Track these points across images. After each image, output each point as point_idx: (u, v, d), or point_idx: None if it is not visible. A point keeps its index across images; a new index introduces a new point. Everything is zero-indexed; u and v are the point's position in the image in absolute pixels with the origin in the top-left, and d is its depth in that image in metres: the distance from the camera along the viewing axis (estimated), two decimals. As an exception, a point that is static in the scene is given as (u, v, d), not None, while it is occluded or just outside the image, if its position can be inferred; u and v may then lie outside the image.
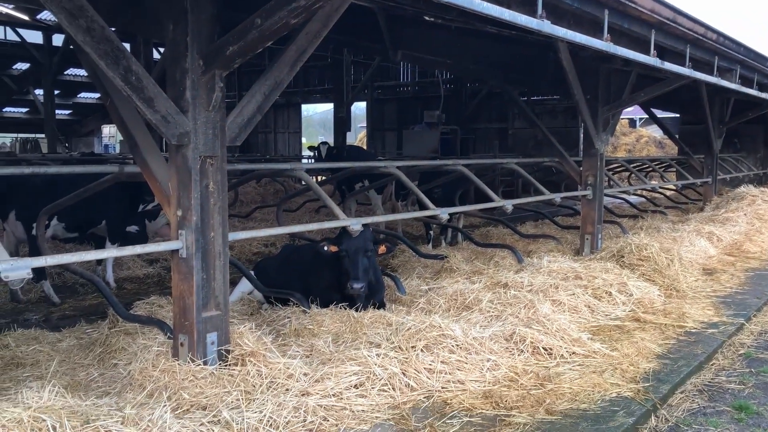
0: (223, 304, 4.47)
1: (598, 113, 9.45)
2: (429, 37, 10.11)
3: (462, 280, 6.91)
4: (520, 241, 10.57)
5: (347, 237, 5.66)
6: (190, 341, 4.33)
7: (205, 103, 4.24)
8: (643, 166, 15.69)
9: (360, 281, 5.59)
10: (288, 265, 6.70)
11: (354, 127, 41.02)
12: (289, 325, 5.63)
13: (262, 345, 4.49)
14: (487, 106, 23.06)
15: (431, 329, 5.01)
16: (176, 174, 4.28)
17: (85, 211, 8.40)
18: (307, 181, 5.69)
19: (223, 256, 4.45)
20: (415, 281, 7.40)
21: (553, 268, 7.49)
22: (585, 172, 9.63)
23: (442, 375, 4.66)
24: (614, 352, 5.49)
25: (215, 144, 4.33)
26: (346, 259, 5.70)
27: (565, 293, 6.68)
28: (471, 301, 6.19)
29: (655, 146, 34.40)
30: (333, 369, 4.43)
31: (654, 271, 8.06)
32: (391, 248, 6.05)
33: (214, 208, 4.39)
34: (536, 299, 6.18)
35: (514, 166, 8.74)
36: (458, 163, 7.75)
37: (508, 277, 6.94)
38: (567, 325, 5.82)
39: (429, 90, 24.31)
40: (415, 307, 6.24)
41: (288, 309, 6.07)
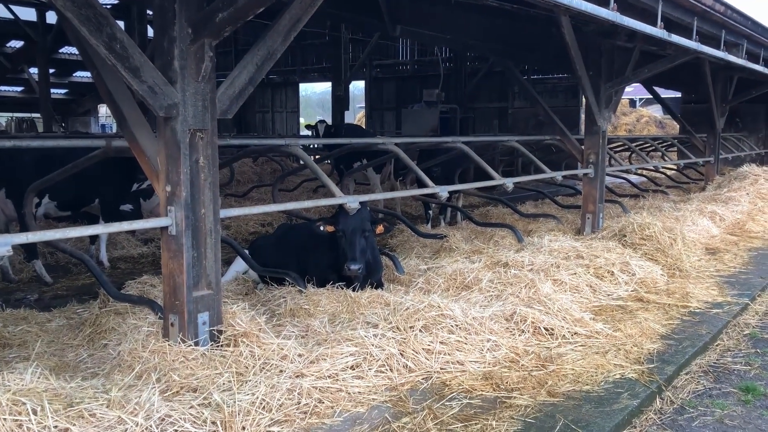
0: (214, 283, 4.32)
1: (601, 90, 9.25)
2: (429, 12, 9.88)
3: (461, 260, 6.77)
4: (520, 220, 10.42)
5: (344, 216, 5.50)
6: (181, 321, 4.19)
7: (194, 73, 4.06)
8: (645, 145, 15.50)
9: (357, 262, 5.43)
10: (284, 245, 6.55)
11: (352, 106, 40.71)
12: (284, 305, 5.49)
13: (256, 325, 4.35)
14: (487, 85, 22.78)
15: (430, 309, 4.87)
16: (165, 148, 4.11)
17: (78, 189, 8.23)
18: (303, 158, 5.53)
19: (215, 233, 4.30)
20: (413, 261, 7.26)
21: (554, 247, 7.35)
22: (587, 150, 9.45)
23: (441, 356, 4.53)
24: (617, 332, 5.36)
25: (205, 116, 4.16)
26: (342, 239, 5.55)
27: (567, 273, 6.54)
28: (471, 281, 6.05)
29: (656, 126, 34.15)
30: (329, 350, 4.29)
31: (656, 250, 7.92)
32: (389, 228, 5.89)
33: (205, 184, 4.23)
34: (537, 279, 6.04)
35: (515, 144, 8.57)
36: (458, 141, 7.57)
37: (509, 256, 6.80)
38: (569, 305, 5.69)
39: (428, 69, 24.00)
40: (414, 287, 6.10)
41: (284, 289, 5.93)
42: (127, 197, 8.81)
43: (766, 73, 11.63)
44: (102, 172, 8.42)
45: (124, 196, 8.72)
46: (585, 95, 9.03)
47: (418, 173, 6.47)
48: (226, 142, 5.43)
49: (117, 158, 8.43)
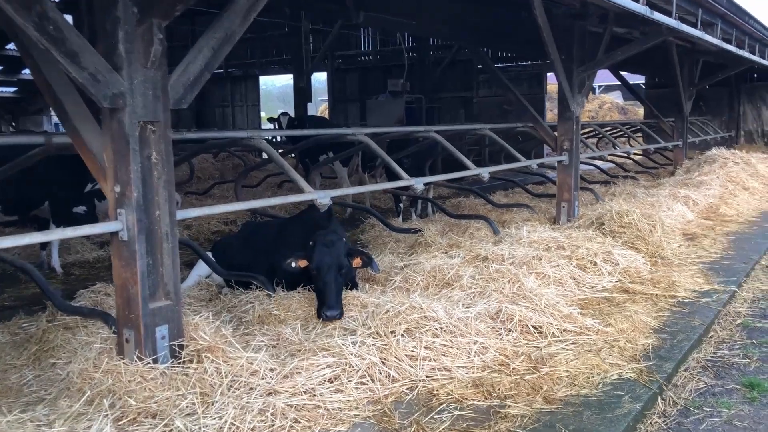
0: (173, 293, 3.88)
1: (573, 74, 8.99)
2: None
3: (439, 255, 6.42)
4: (494, 211, 10.13)
5: (319, 251, 4.97)
6: (137, 336, 3.74)
7: (143, 58, 3.60)
8: (615, 131, 15.36)
9: (335, 308, 4.75)
10: (249, 245, 6.11)
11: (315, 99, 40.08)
12: (252, 312, 5.07)
13: (221, 338, 3.93)
14: (452, 74, 22.47)
15: (411, 311, 4.51)
16: (111, 143, 3.65)
17: (24, 191, 7.67)
18: (267, 151, 5.10)
19: (171, 237, 3.85)
20: (388, 257, 6.89)
21: (534, 238, 7.04)
22: (560, 136, 9.18)
23: (426, 362, 4.16)
24: (608, 327, 5.06)
25: (156, 107, 3.71)
26: (318, 279, 4.97)
27: (549, 265, 6.24)
28: (451, 278, 5.70)
29: (618, 112, 34.34)
30: (303, 362, 3.89)
31: (637, 238, 7.68)
32: (367, 261, 5.31)
33: (159, 183, 3.78)
34: (520, 273, 5.72)
35: (487, 132, 8.24)
36: (430, 130, 7.21)
37: (488, 249, 6.46)
38: (555, 300, 5.38)
39: (392, 59, 23.57)
40: (391, 286, 5.73)
41: (251, 293, 5.50)
42: (80, 198, 8.24)
43: (740, 54, 11.51)
44: (51, 172, 7.86)
45: (76, 198, 8.13)
46: (558, 80, 8.74)
47: (391, 165, 6.08)
48: (182, 135, 4.96)
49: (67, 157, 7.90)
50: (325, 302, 4.79)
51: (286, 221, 6.15)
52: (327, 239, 5.03)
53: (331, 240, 5.04)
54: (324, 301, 4.82)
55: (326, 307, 4.75)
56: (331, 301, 4.78)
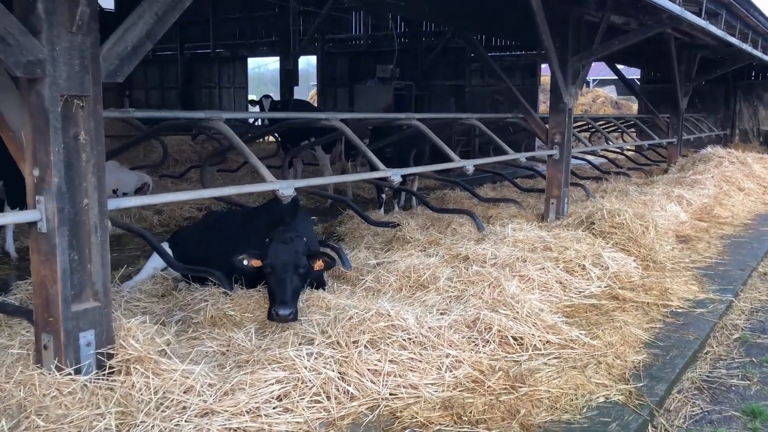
0: (102, 293, 3.39)
1: (568, 64, 8.51)
2: (382, -24, 8.95)
3: (416, 253, 5.94)
4: (479, 205, 9.65)
5: (274, 249, 4.48)
6: (56, 343, 3.25)
7: (67, 21, 3.09)
8: (609, 125, 14.92)
9: (287, 306, 4.28)
10: (210, 236, 5.60)
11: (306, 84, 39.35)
12: (204, 312, 4.59)
13: (154, 346, 3.43)
14: (443, 62, 21.92)
15: (378, 318, 4.04)
16: (30, 119, 3.14)
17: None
18: (226, 135, 4.60)
19: (101, 229, 3.36)
20: (362, 253, 6.41)
21: (519, 237, 6.58)
22: (552, 129, 8.71)
23: (391, 378, 3.70)
24: (595, 340, 4.61)
25: (84, 79, 3.20)
26: (271, 277, 4.49)
27: (534, 267, 5.79)
28: (426, 279, 5.23)
29: (611, 107, 33.94)
30: (249, 375, 3.42)
31: (628, 239, 7.24)
32: (330, 263, 4.82)
33: (87, 167, 3.28)
34: (502, 276, 5.26)
35: (475, 122, 7.75)
36: (412, 118, 6.71)
37: (469, 248, 6.01)
38: (539, 308, 4.93)
39: (382, 44, 22.98)
40: (361, 286, 5.25)
41: (207, 289, 5.02)
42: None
43: (742, 48, 11.04)
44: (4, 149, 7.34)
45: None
46: (551, 69, 8.27)
47: (367, 154, 5.59)
48: (125, 113, 4.43)
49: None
50: (276, 299, 4.31)
51: (250, 212, 5.66)
52: (284, 236, 4.54)
53: (290, 237, 4.55)
54: (275, 298, 4.34)
55: (278, 304, 4.26)
56: (283, 297, 4.29)
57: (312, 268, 4.68)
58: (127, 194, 10.45)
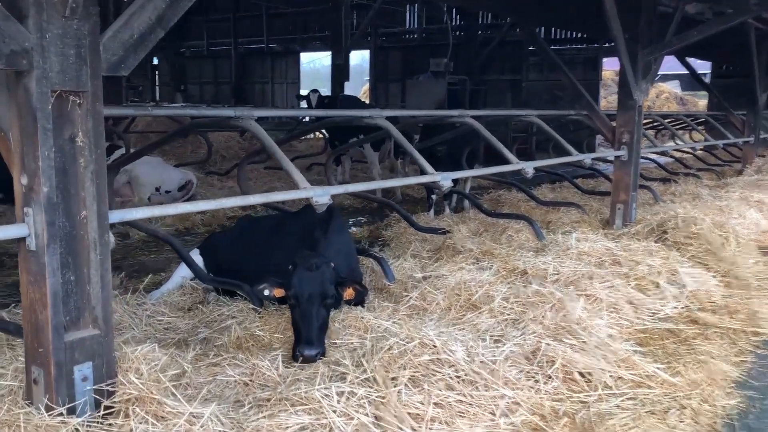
0: (102, 319, 2.94)
1: (638, 57, 7.76)
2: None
3: (468, 266, 5.35)
4: (537, 208, 8.98)
5: (298, 277, 3.96)
6: (47, 377, 2.81)
7: (59, 5, 2.63)
8: (677, 123, 13.94)
9: (313, 347, 3.76)
10: (242, 244, 5.15)
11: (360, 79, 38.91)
12: (229, 332, 4.12)
13: (158, 385, 2.96)
14: (500, 55, 21.16)
15: (422, 350, 3.48)
16: (18, 119, 2.71)
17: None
18: (257, 134, 4.12)
19: (101, 246, 2.90)
20: (408, 263, 5.85)
21: (584, 249, 5.93)
22: (619, 128, 7.98)
23: (436, 424, 3.14)
24: (676, 377, 3.95)
25: (81, 71, 2.74)
26: (295, 310, 3.98)
27: (602, 286, 5.14)
28: (479, 298, 4.65)
29: (677, 103, 32.44)
30: (267, 420, 2.92)
31: (706, 252, 6.48)
32: (362, 293, 4.30)
33: (85, 173, 2.83)
34: (566, 296, 4.63)
35: (534, 119, 7.10)
36: (466, 115, 6.12)
37: (528, 261, 5.39)
38: (609, 335, 4.29)
39: (437, 38, 22.34)
40: (405, 304, 4.71)
41: (235, 304, 4.57)
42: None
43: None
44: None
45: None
46: (620, 62, 7.55)
47: (413, 155, 5.04)
48: (142, 110, 3.96)
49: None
50: (301, 338, 3.80)
51: (284, 218, 5.18)
52: (310, 263, 4.02)
53: (315, 264, 4.03)
54: (300, 336, 3.83)
55: (302, 344, 3.75)
56: (308, 336, 3.77)
57: (341, 297, 4.16)
58: (170, 192, 10.19)
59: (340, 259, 4.47)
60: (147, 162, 10.38)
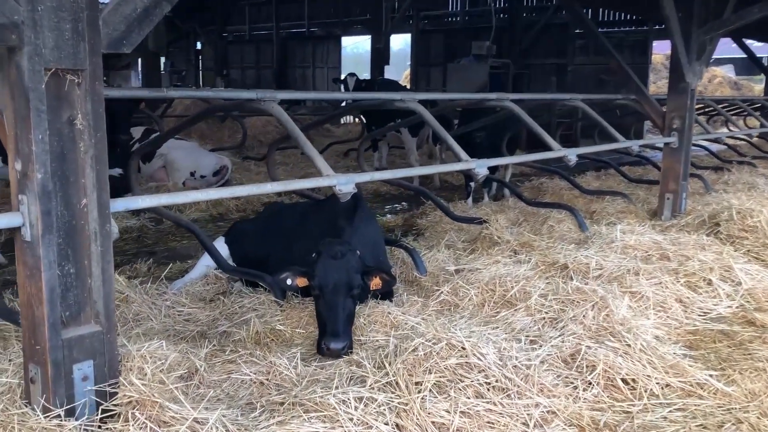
0: (104, 315, 2.75)
1: (692, 37, 7.28)
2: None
3: (504, 259, 5.04)
4: (581, 197, 8.58)
5: (323, 266, 3.74)
6: (44, 377, 2.64)
7: (53, -27, 2.42)
8: (732, 108, 13.25)
9: (339, 339, 3.53)
10: (267, 232, 4.95)
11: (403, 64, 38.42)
12: (248, 326, 3.91)
13: (162, 387, 2.75)
14: (545, 38, 20.52)
15: (449, 352, 3.22)
16: (11, 100, 2.51)
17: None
18: (280, 118, 3.88)
19: (102, 237, 2.70)
20: (442, 254, 5.56)
21: (630, 242, 5.55)
22: (670, 113, 7.52)
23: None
24: (731, 386, 3.60)
25: (78, 48, 2.53)
26: (320, 301, 3.76)
27: (649, 282, 4.78)
28: (515, 295, 4.35)
29: (730, 87, 31.20)
30: (278, 427, 2.69)
31: (764, 246, 6.05)
32: (390, 282, 4.05)
33: (85, 159, 2.63)
34: (609, 294, 4.30)
35: (579, 104, 6.71)
36: (506, 98, 5.78)
37: (568, 255, 5.06)
38: (655, 338, 3.96)
39: (480, 21, 21.78)
40: (435, 299, 4.44)
41: (257, 296, 4.37)
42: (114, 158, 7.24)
43: None
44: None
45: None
46: (672, 43, 7.09)
47: (447, 141, 4.74)
48: (157, 92, 3.76)
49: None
50: (327, 330, 3.57)
51: (311, 206, 4.95)
52: (335, 250, 3.78)
53: (340, 251, 3.78)
54: (325, 328, 3.60)
55: (328, 336, 3.52)
56: (334, 328, 3.55)
57: (368, 287, 3.91)
58: (205, 177, 10.07)
59: (367, 249, 4.23)
60: (182, 146, 10.29)
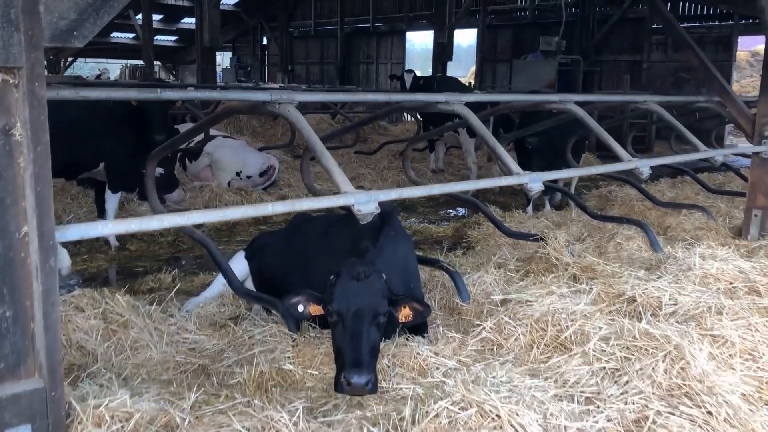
0: (48, 367, 2.25)
1: (789, 30, 6.35)
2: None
3: (560, 289, 4.33)
4: (653, 209, 7.71)
5: (342, 288, 3.18)
6: (-30, 444, 2.16)
7: (-28, -55, 1.92)
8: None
9: (362, 372, 2.93)
10: (291, 248, 4.40)
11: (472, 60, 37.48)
12: (252, 366, 3.37)
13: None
14: (619, 34, 19.36)
15: (480, 420, 2.59)
16: (-72, 104, 2.03)
17: (72, 149, 6.49)
18: (296, 122, 3.33)
19: (43, 273, 2.19)
20: (490, 276, 4.89)
21: (710, 270, 4.74)
22: (761, 117, 6.58)
23: None
24: None
25: (11, 41, 2.02)
26: (338, 328, 3.17)
27: (734, 323, 3.99)
28: (570, 336, 3.66)
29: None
30: None
31: None
32: (424, 312, 3.41)
33: (25, 177, 2.13)
34: (685, 339, 3.56)
35: (654, 107, 5.90)
36: (569, 100, 5.05)
37: (637, 287, 4.31)
38: (742, 396, 3.22)
39: (549, 15, 20.79)
40: (476, 336, 3.79)
41: (269, 326, 3.83)
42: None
43: None
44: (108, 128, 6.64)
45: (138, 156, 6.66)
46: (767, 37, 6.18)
47: (495, 150, 4.07)
48: (150, 92, 3.17)
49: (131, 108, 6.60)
50: (347, 360, 2.96)
51: (337, 219, 4.37)
52: (357, 271, 3.18)
53: (363, 273, 3.19)
54: (345, 359, 2.99)
55: (348, 367, 2.92)
56: (356, 356, 2.94)
57: (397, 318, 3.30)
58: (251, 177, 9.69)
59: (394, 274, 3.62)
60: (229, 145, 9.94)
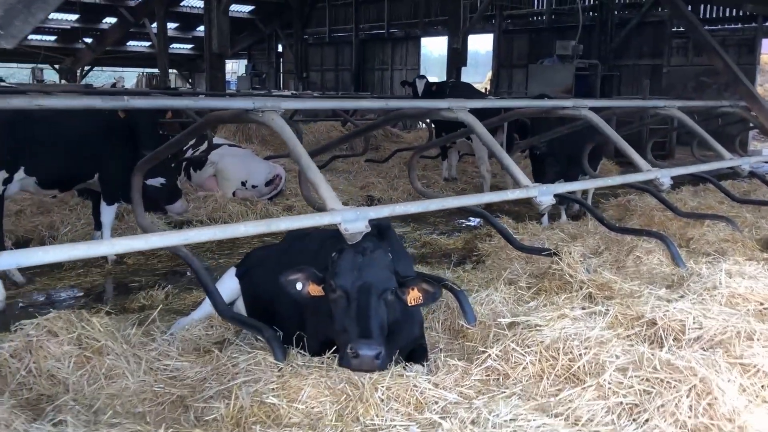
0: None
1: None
2: None
3: (573, 312, 3.99)
4: (675, 219, 7.31)
5: (345, 262, 2.93)
6: None
7: None
8: None
9: (372, 343, 2.82)
10: (280, 264, 4.09)
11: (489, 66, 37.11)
12: (231, 400, 3.07)
13: None
14: (638, 38, 18.94)
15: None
16: None
17: (68, 160, 6.29)
18: (281, 132, 3.04)
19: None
20: (499, 294, 4.56)
21: (738, 289, 4.37)
22: (790, 123, 6.23)
23: None
24: None
25: None
26: (341, 303, 2.98)
27: (766, 350, 3.63)
28: (583, 367, 3.31)
29: None
30: None
31: None
32: (434, 294, 3.21)
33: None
34: (711, 369, 3.20)
35: (675, 113, 5.55)
36: (583, 106, 4.72)
37: (658, 308, 3.95)
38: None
39: (566, 20, 20.42)
40: (480, 365, 3.46)
41: (254, 353, 3.53)
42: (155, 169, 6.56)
43: None
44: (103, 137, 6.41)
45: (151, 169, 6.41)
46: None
47: (502, 160, 3.76)
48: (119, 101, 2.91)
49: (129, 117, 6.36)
50: (355, 334, 2.75)
51: (330, 236, 4.08)
52: (362, 246, 3.04)
53: (368, 247, 3.04)
54: (352, 334, 2.79)
55: (357, 338, 2.74)
56: (366, 327, 2.74)
57: (404, 300, 3.07)
58: (257, 187, 9.45)
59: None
60: (234, 154, 9.71)
